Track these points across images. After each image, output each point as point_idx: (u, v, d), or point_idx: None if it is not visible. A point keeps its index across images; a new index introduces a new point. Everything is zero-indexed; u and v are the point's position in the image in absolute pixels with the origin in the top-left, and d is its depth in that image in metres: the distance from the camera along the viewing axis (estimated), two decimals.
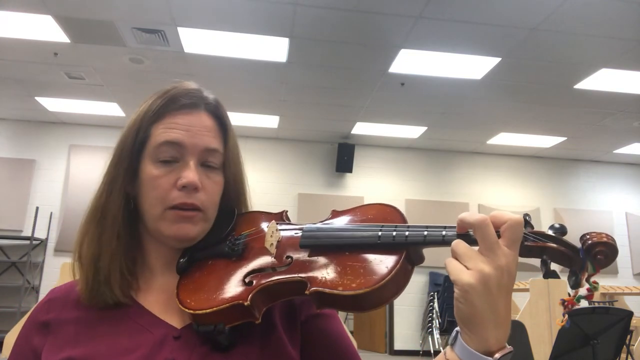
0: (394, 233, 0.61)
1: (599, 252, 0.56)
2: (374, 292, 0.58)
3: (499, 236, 0.55)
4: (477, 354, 0.53)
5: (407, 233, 0.60)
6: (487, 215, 0.56)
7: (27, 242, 6.80)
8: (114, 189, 0.74)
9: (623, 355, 3.77)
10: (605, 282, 6.57)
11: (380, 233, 0.62)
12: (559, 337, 2.78)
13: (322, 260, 0.64)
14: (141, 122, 0.74)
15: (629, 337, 3.59)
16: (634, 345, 4.08)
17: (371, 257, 0.61)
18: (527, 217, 0.59)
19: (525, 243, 0.57)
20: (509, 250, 0.55)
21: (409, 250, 0.60)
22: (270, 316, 0.74)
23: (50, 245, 7.10)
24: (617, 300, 5.91)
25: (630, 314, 2.97)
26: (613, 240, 0.56)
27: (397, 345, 7.36)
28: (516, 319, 3.92)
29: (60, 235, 7.05)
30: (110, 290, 0.71)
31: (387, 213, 0.67)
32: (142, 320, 0.71)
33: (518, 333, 2.89)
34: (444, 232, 0.59)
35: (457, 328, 0.57)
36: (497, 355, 0.53)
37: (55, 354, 0.69)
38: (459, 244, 0.56)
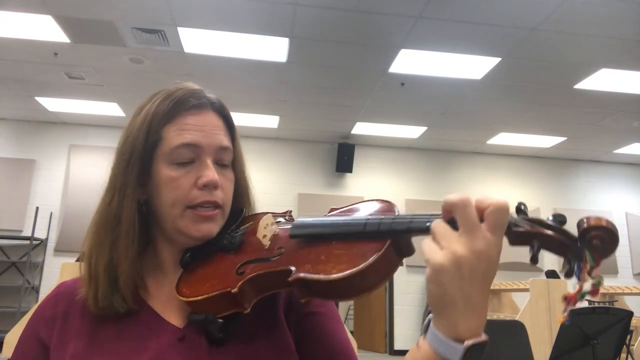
0: (380, 222, 0.61)
1: (594, 237, 0.51)
2: (352, 278, 0.58)
3: (483, 221, 0.52)
4: (445, 340, 0.52)
5: (392, 222, 0.60)
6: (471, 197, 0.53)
7: (27, 242, 6.80)
8: (127, 194, 0.73)
9: (623, 355, 3.77)
10: (605, 282, 6.55)
11: (365, 222, 0.62)
12: (559, 337, 2.78)
13: (309, 250, 0.65)
14: (150, 124, 0.74)
15: (629, 337, 3.59)
16: (634, 345, 4.08)
17: (356, 245, 0.61)
18: (522, 206, 0.56)
19: (514, 229, 0.54)
20: (491, 235, 0.51)
21: (395, 239, 0.60)
22: (275, 312, 0.75)
23: (50, 245, 7.10)
24: (617, 300, 5.90)
25: (630, 314, 2.97)
26: (613, 226, 0.51)
27: (397, 345, 7.37)
28: (516, 319, 3.91)
29: (60, 235, 7.05)
30: (122, 299, 0.71)
31: (383, 207, 0.68)
32: (148, 322, 0.71)
33: (518, 333, 2.89)
34: (429, 220, 0.58)
35: (430, 315, 0.55)
36: (467, 342, 0.50)
37: (63, 349, 0.70)
38: (438, 224, 0.54)
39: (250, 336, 0.71)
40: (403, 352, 7.22)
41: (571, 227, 0.54)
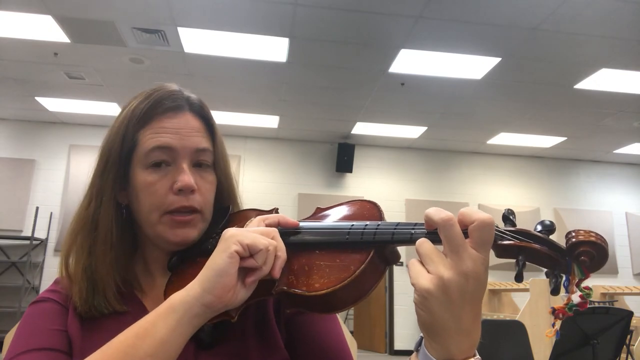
0: (362, 232, 0.60)
1: (582, 253, 0.49)
2: (336, 292, 0.57)
3: (467, 236, 0.50)
4: None
5: (375, 232, 0.59)
6: (455, 213, 0.52)
7: (27, 242, 6.80)
8: (104, 199, 0.73)
9: (623, 355, 3.77)
10: (605, 282, 6.57)
11: (348, 231, 0.61)
12: (559, 337, 2.78)
13: (294, 259, 0.63)
14: (126, 129, 0.73)
15: (629, 337, 3.59)
16: (634, 345, 4.08)
17: (339, 256, 0.60)
18: (508, 212, 0.55)
19: (500, 242, 0.52)
20: (477, 253, 0.49)
21: (378, 249, 0.59)
22: (265, 310, 0.75)
23: (50, 245, 7.10)
24: (617, 300, 5.91)
25: (630, 314, 2.97)
26: (603, 240, 0.49)
27: (397, 345, 7.37)
28: (516, 319, 3.92)
29: (60, 235, 7.05)
30: (105, 301, 0.71)
31: (367, 209, 0.67)
32: None
33: (518, 333, 2.89)
34: (412, 231, 0.56)
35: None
36: None
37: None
38: (422, 244, 0.52)
39: (238, 334, 0.71)
40: (403, 352, 7.23)
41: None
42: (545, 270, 0.53)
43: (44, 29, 4.72)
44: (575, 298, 0.52)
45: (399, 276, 7.55)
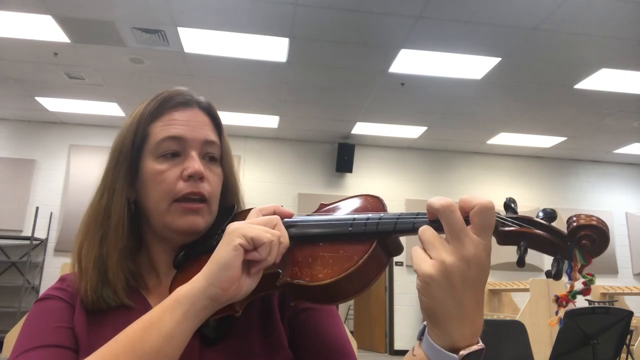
0: (365, 223, 0.60)
1: (584, 237, 0.50)
2: (340, 282, 0.57)
3: (469, 223, 0.51)
4: (440, 350, 0.50)
5: (377, 222, 0.59)
6: (454, 200, 0.52)
7: (27, 242, 6.80)
8: (116, 190, 0.75)
9: (623, 355, 3.77)
10: (605, 282, 6.57)
11: (351, 222, 0.61)
12: (559, 337, 2.78)
13: (298, 252, 0.64)
14: (138, 123, 0.76)
15: (629, 337, 3.59)
16: (634, 345, 4.08)
17: (342, 247, 0.61)
18: (509, 200, 0.55)
19: (501, 229, 0.52)
20: (478, 238, 0.50)
21: (381, 240, 0.59)
22: (270, 307, 0.75)
23: (50, 245, 7.10)
24: (617, 300, 5.91)
25: (630, 314, 2.97)
26: (604, 224, 0.50)
27: (397, 345, 7.37)
28: (516, 319, 3.92)
29: (60, 235, 7.06)
30: (114, 292, 0.71)
31: (370, 202, 0.68)
32: None
33: (518, 333, 2.89)
34: (415, 220, 0.57)
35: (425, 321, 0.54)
36: (462, 352, 0.49)
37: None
38: (424, 231, 0.53)
39: (243, 332, 0.72)
40: (403, 352, 7.22)
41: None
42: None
43: (44, 29, 4.72)
44: (578, 286, 0.52)
45: (399, 276, 7.56)
